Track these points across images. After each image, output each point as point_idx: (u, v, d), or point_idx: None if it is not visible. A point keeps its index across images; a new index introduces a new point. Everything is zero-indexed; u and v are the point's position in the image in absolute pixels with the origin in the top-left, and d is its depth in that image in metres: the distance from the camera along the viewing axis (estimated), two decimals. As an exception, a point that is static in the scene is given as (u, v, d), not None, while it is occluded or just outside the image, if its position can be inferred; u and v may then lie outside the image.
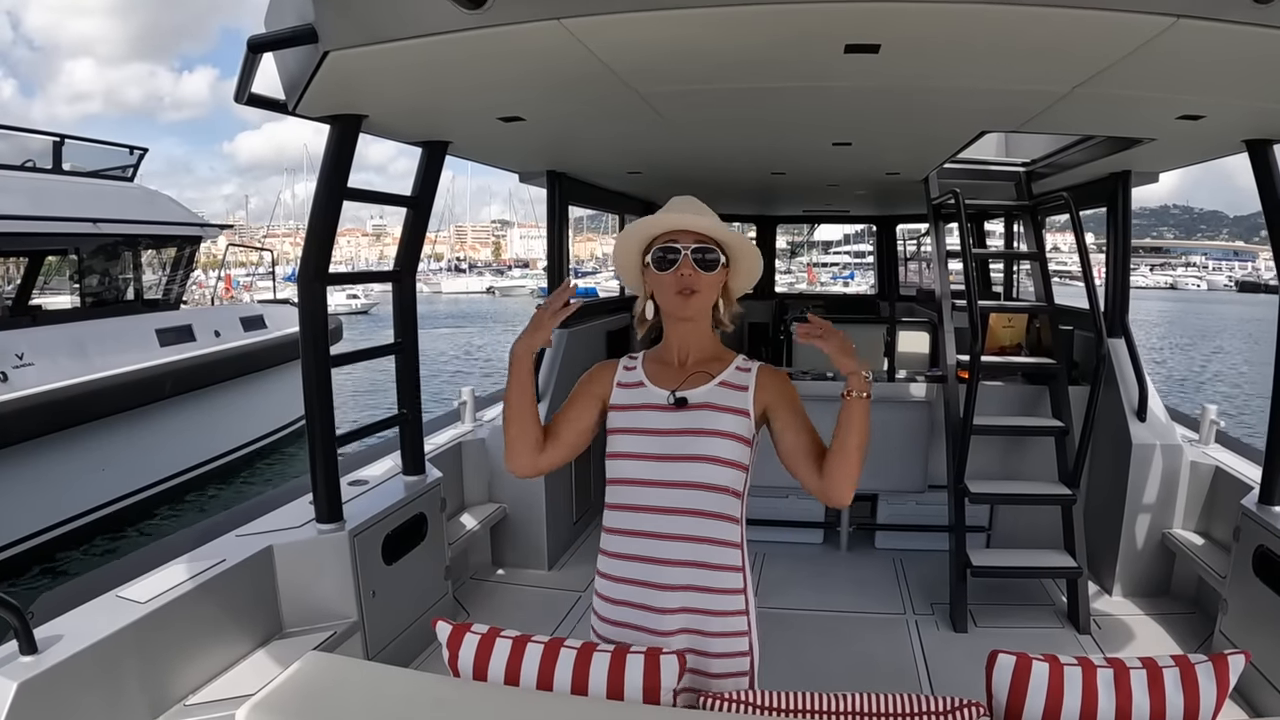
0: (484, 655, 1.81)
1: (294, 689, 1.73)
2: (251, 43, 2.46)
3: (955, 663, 3.79)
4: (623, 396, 2.00)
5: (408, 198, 3.77)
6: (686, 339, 2.00)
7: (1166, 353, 30.27)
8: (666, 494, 1.89)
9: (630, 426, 1.96)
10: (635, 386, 2.00)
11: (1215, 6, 1.81)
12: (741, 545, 1.95)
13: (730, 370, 1.99)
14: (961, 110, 3.08)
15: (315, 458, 3.31)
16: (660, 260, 1.94)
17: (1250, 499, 3.60)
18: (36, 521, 8.72)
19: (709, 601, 1.91)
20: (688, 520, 1.89)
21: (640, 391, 1.99)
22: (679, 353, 2.00)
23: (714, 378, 1.97)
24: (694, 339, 2.00)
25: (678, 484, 1.89)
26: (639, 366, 2.03)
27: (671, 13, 1.93)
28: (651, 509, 1.91)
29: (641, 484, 1.92)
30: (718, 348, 2.03)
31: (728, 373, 1.98)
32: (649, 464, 1.91)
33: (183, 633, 2.68)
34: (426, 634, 3.69)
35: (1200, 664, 1.71)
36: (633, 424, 1.95)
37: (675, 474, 1.89)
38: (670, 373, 1.99)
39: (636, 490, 1.92)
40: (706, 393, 1.94)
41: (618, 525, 1.96)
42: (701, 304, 1.94)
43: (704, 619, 1.91)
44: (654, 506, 1.90)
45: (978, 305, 4.26)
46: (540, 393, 4.88)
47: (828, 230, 60.12)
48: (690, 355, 2.00)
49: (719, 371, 1.98)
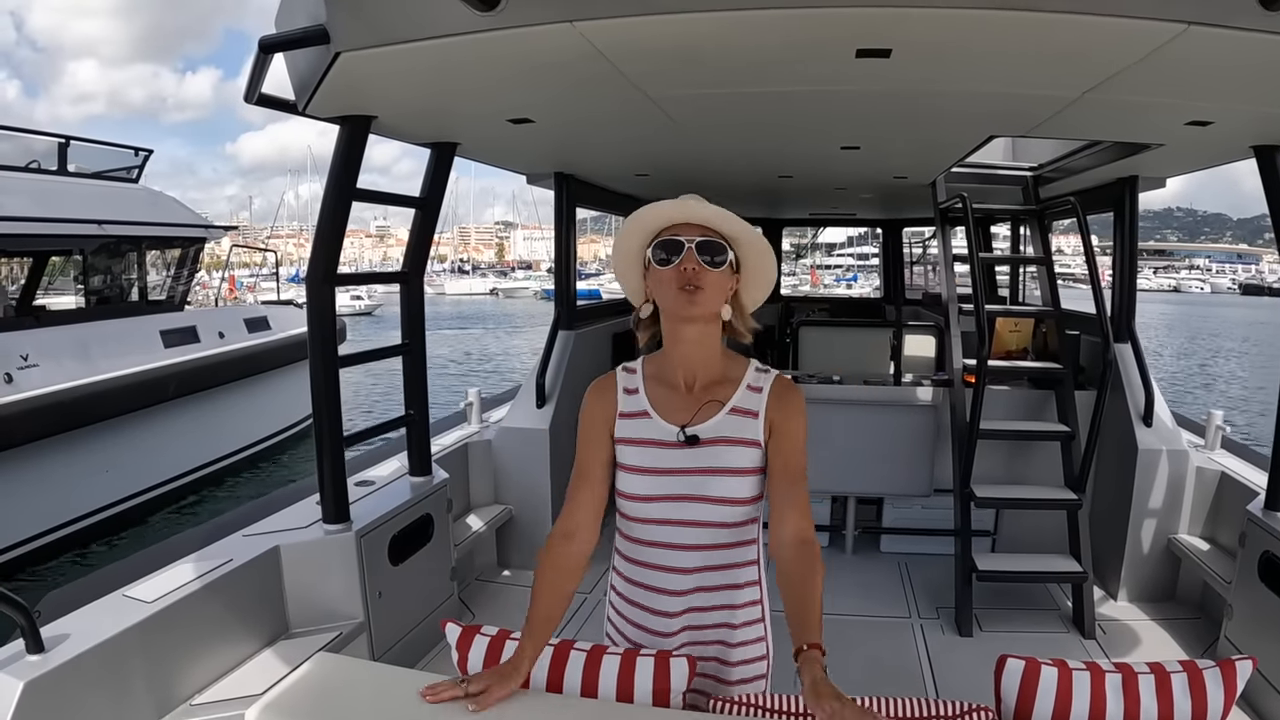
0: (494, 657, 1.81)
1: (304, 690, 1.74)
2: (263, 43, 2.47)
3: (961, 667, 3.78)
4: (628, 429, 1.85)
5: (416, 199, 3.77)
6: (691, 356, 1.82)
7: (1168, 359, 30.18)
8: (681, 532, 1.81)
9: (639, 465, 1.82)
10: (640, 417, 1.84)
11: (1225, 13, 1.81)
12: (759, 559, 1.91)
13: (741, 392, 1.83)
14: (970, 114, 3.08)
15: (323, 458, 3.31)
16: (663, 253, 1.77)
17: (1256, 504, 3.58)
18: (40, 523, 8.71)
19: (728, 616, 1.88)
20: (705, 554, 1.83)
21: (646, 424, 1.83)
22: (685, 374, 1.84)
23: (725, 405, 1.82)
24: (700, 355, 1.82)
25: (693, 523, 1.80)
26: (641, 390, 1.87)
27: (684, 16, 1.92)
28: (666, 545, 1.84)
29: (655, 523, 1.82)
30: (727, 362, 1.87)
31: (739, 395, 1.83)
32: (662, 505, 1.81)
33: (189, 632, 2.68)
34: (433, 635, 3.69)
35: (1208, 669, 1.70)
36: (641, 463, 1.81)
37: (690, 514, 1.80)
38: (677, 399, 1.83)
39: (649, 528, 1.84)
40: (718, 424, 1.80)
41: (631, 555, 1.90)
42: (707, 302, 1.75)
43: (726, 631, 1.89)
44: (669, 543, 1.83)
45: (985, 309, 4.26)
46: (547, 394, 4.89)
47: (831, 233, 60.09)
48: (698, 378, 1.83)
49: (730, 395, 1.83)
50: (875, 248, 10.96)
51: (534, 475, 4.84)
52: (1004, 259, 7.62)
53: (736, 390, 1.83)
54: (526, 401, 4.93)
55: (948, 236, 5.03)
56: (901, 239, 9.34)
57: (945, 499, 4.73)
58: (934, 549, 5.03)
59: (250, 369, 11.96)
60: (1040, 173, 4.96)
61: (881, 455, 4.88)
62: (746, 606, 1.89)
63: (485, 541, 4.79)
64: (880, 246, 9.92)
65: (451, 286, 68.88)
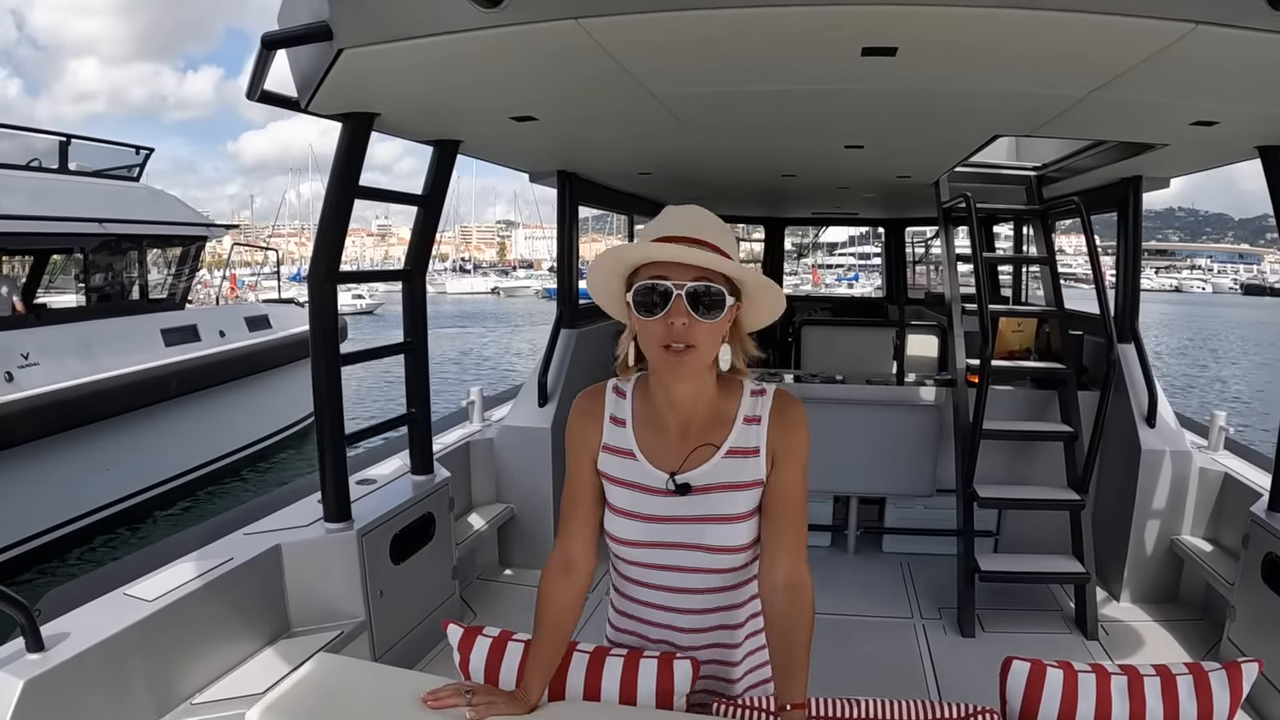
0: (495, 659, 1.80)
1: (305, 690, 1.73)
2: (265, 39, 2.45)
3: (963, 668, 3.77)
4: (613, 466, 1.70)
5: (419, 196, 3.76)
6: (681, 407, 1.65)
7: (1168, 358, 30.17)
8: (677, 577, 1.70)
9: (626, 509, 1.68)
10: (625, 456, 1.69)
11: (1234, 13, 1.80)
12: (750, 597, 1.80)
13: (738, 430, 1.66)
14: (975, 114, 3.07)
15: (324, 456, 3.30)
16: (644, 301, 1.51)
17: (1259, 506, 3.57)
18: (40, 522, 8.71)
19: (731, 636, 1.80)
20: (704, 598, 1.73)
21: (632, 466, 1.67)
22: (675, 419, 1.66)
23: (719, 448, 1.65)
24: (690, 404, 1.64)
25: (690, 570, 1.69)
26: (628, 425, 1.70)
27: (689, 13, 1.91)
28: (662, 588, 1.74)
29: (647, 567, 1.72)
30: (720, 397, 1.67)
31: (735, 434, 1.65)
32: (653, 551, 1.69)
33: (190, 631, 2.67)
34: (434, 634, 3.68)
35: (1214, 672, 1.70)
36: (628, 506, 1.68)
37: (685, 561, 1.67)
38: (666, 443, 1.66)
39: (643, 571, 1.73)
40: (713, 470, 1.64)
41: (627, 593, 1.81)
42: (698, 362, 1.54)
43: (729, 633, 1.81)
44: (665, 587, 1.73)
45: (988, 309, 4.25)
46: (550, 392, 4.88)
47: (832, 232, 60.13)
48: (691, 422, 1.66)
49: (725, 436, 1.65)
50: (876, 247, 10.96)
51: (536, 474, 4.83)
52: (1008, 259, 7.61)
53: (732, 430, 1.66)
54: (529, 400, 4.92)
55: (951, 236, 5.02)
56: (904, 238, 9.33)
57: (948, 499, 4.72)
58: (936, 549, 5.02)
59: (251, 368, 11.97)
60: (1044, 172, 4.95)
61: (884, 455, 4.87)
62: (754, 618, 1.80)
63: (487, 540, 4.78)
64: (883, 246, 9.90)
65: (453, 285, 68.94)
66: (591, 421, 1.72)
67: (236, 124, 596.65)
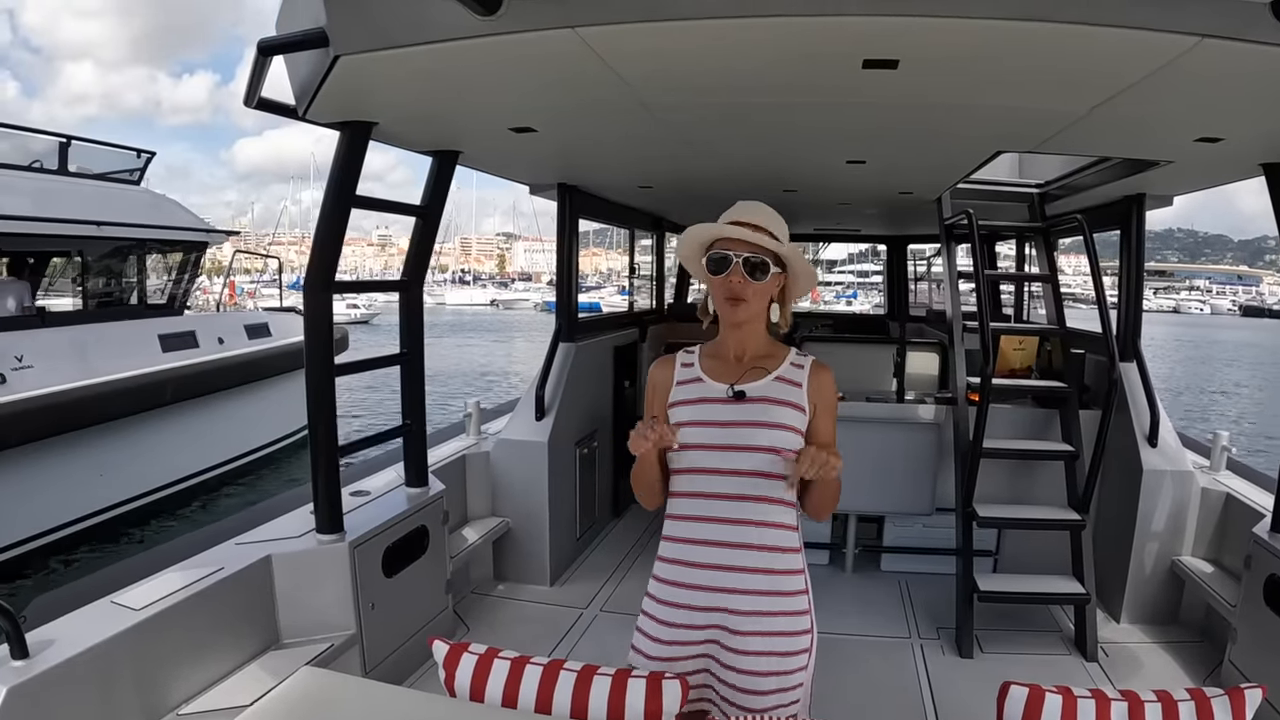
0: (481, 676, 1.77)
1: (288, 705, 1.70)
2: (262, 45, 2.44)
3: (961, 689, 3.72)
4: (682, 392, 2.11)
5: (417, 207, 3.74)
6: (742, 339, 2.11)
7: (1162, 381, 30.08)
8: (732, 481, 2.00)
9: (692, 419, 2.04)
10: (694, 382, 2.11)
11: (1239, 26, 1.79)
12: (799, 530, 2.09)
13: (786, 365, 2.09)
14: (978, 130, 3.06)
15: (317, 467, 3.28)
16: (713, 265, 2.04)
17: (1262, 527, 3.55)
18: (30, 527, 8.65)
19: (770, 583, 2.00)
20: (753, 506, 2.00)
21: (699, 386, 2.09)
22: (735, 350, 2.11)
23: (770, 373, 2.07)
24: (749, 338, 2.10)
25: (742, 472, 1.99)
26: (696, 363, 2.14)
27: (688, 24, 1.90)
28: (718, 495, 2.01)
29: (707, 472, 2.02)
30: (772, 345, 2.14)
31: (783, 368, 2.08)
32: (713, 453, 2.01)
33: (178, 641, 2.65)
34: (425, 648, 3.62)
35: (1216, 698, 1.67)
36: (695, 416, 2.04)
37: (739, 463, 2.00)
38: (727, 368, 2.09)
39: (702, 478, 2.03)
40: (764, 387, 2.05)
41: (684, 512, 2.07)
42: (750, 311, 2.03)
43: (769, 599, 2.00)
44: (720, 494, 2.01)
45: (989, 327, 4.23)
46: (547, 407, 4.84)
47: (831, 249, 60.27)
48: (746, 352, 2.10)
49: (775, 367, 2.08)
50: (876, 265, 10.97)
51: (532, 488, 4.80)
52: (1010, 276, 7.59)
53: (782, 364, 2.09)
54: (526, 414, 4.89)
55: (953, 253, 5.00)
56: (906, 255, 9.33)
57: (947, 518, 4.69)
58: (935, 568, 4.98)
59: (249, 375, 11.92)
60: (1046, 190, 4.94)
61: (883, 473, 4.84)
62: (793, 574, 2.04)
63: (482, 554, 4.74)
64: (883, 264, 9.90)
65: (452, 297, 69.00)
66: (668, 368, 2.18)
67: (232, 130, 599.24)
